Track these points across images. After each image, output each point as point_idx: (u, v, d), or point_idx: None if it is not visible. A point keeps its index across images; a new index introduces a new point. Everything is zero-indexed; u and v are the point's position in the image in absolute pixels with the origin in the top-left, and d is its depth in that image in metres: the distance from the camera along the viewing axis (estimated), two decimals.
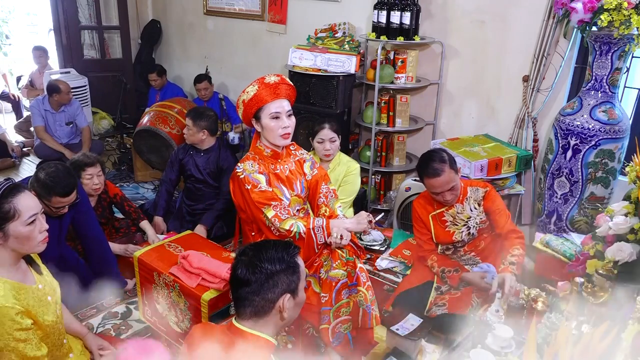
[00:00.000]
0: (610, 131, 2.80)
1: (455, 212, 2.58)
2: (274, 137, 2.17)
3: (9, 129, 5.34)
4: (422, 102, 3.89)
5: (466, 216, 2.57)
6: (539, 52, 3.21)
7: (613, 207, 1.98)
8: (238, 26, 4.99)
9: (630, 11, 2.51)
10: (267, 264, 1.40)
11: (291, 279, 1.43)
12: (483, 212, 2.57)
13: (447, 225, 2.60)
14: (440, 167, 2.40)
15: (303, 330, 2.20)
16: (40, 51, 5.62)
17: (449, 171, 2.41)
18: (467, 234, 2.59)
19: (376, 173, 3.89)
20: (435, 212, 2.62)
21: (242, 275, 1.40)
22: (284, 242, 1.50)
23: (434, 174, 2.41)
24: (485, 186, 2.60)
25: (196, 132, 3.36)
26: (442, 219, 2.61)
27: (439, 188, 2.44)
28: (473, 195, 2.58)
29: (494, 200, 2.57)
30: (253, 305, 1.40)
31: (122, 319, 2.67)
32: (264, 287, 1.39)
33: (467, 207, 2.57)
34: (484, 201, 2.56)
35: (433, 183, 2.44)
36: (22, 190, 1.69)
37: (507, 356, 1.80)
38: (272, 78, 2.15)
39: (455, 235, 2.60)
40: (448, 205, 2.58)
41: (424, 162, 2.45)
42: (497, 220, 2.56)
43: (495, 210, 2.55)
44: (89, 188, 2.95)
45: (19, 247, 1.68)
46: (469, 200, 2.57)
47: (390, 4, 3.44)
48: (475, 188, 2.60)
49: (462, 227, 2.58)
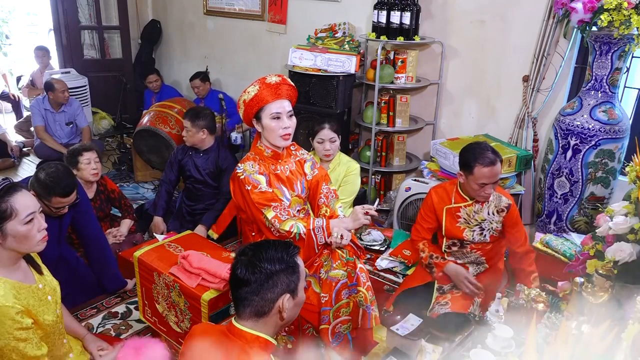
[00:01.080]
0: (610, 131, 2.80)
1: (472, 211, 2.56)
2: (275, 137, 2.16)
3: (9, 129, 5.34)
4: (422, 102, 3.89)
5: (481, 218, 2.55)
6: (539, 52, 3.21)
7: (613, 207, 1.98)
8: (238, 26, 4.99)
9: (630, 11, 2.51)
10: (267, 264, 1.40)
11: (291, 279, 1.43)
12: (501, 222, 2.55)
13: (459, 222, 2.59)
14: (495, 158, 2.40)
15: (303, 330, 2.20)
16: (42, 51, 5.62)
17: (499, 164, 2.42)
18: (479, 234, 2.57)
19: (376, 173, 3.89)
20: (451, 206, 2.60)
21: (241, 275, 1.40)
22: (284, 242, 1.50)
23: (491, 163, 2.39)
24: (508, 197, 2.58)
25: (195, 132, 3.35)
26: (457, 214, 2.59)
27: (490, 178, 2.41)
28: (495, 201, 2.55)
29: (515, 215, 2.58)
30: (252, 305, 1.40)
31: (122, 319, 2.67)
32: (263, 287, 1.39)
33: (485, 210, 2.55)
34: (506, 214, 2.54)
35: (486, 172, 2.40)
36: (19, 189, 1.69)
37: (507, 356, 1.80)
38: (274, 78, 2.14)
39: (465, 232, 2.59)
40: (465, 199, 2.56)
41: (479, 151, 2.43)
42: (515, 236, 2.57)
43: (514, 225, 2.57)
44: (87, 173, 2.97)
45: (17, 247, 1.68)
46: (490, 205, 2.54)
47: (390, 4, 3.44)
48: (499, 195, 2.57)
49: (475, 227, 2.57)
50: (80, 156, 2.94)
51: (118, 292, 2.84)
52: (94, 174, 3.00)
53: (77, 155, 2.95)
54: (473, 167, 2.41)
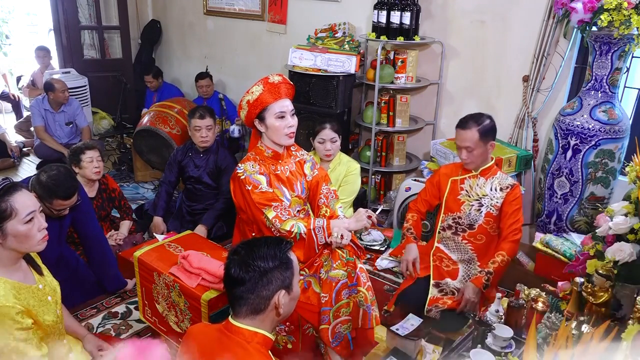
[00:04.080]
0: (610, 131, 2.80)
1: (476, 184, 2.63)
2: (279, 136, 2.17)
3: (9, 129, 5.34)
4: (422, 102, 3.89)
5: (483, 193, 2.61)
6: (539, 52, 3.21)
7: (613, 207, 1.98)
8: (238, 26, 4.99)
9: (630, 11, 2.51)
10: (260, 261, 1.40)
11: (285, 275, 1.43)
12: (502, 200, 2.59)
13: (461, 194, 2.65)
14: (471, 124, 2.51)
15: (303, 330, 2.20)
16: (43, 51, 5.62)
17: (475, 132, 2.49)
18: (477, 210, 2.62)
19: (376, 173, 3.89)
20: (457, 177, 2.69)
21: (235, 275, 1.40)
22: (276, 239, 1.50)
23: (462, 126, 2.53)
24: (514, 181, 2.64)
25: (214, 127, 3.43)
26: (460, 185, 2.67)
27: (459, 141, 2.55)
28: (500, 178, 2.62)
29: (516, 196, 2.59)
30: (249, 303, 1.40)
31: (122, 319, 2.67)
32: (258, 285, 1.39)
33: (488, 185, 2.61)
34: (509, 192, 2.58)
35: (457, 134, 2.56)
36: (18, 189, 1.69)
37: (507, 356, 1.80)
38: (276, 78, 2.16)
39: (464, 206, 2.64)
40: (470, 170, 2.64)
41: (466, 115, 2.58)
42: (508, 222, 2.57)
43: (511, 208, 2.57)
44: (90, 172, 2.97)
45: (18, 246, 1.67)
46: (494, 181, 2.61)
47: (390, 4, 3.44)
48: (505, 175, 2.65)
49: (474, 202, 2.63)
50: (82, 154, 2.95)
51: (118, 292, 2.84)
52: (96, 172, 3.01)
53: (79, 153, 2.95)
54: (456, 128, 2.58)
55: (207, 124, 3.35)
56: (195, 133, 3.37)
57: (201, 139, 3.37)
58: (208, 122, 3.35)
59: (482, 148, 2.53)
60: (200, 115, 3.33)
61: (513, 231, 2.55)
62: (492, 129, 2.55)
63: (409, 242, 2.72)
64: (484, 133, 2.51)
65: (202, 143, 3.39)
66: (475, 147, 2.51)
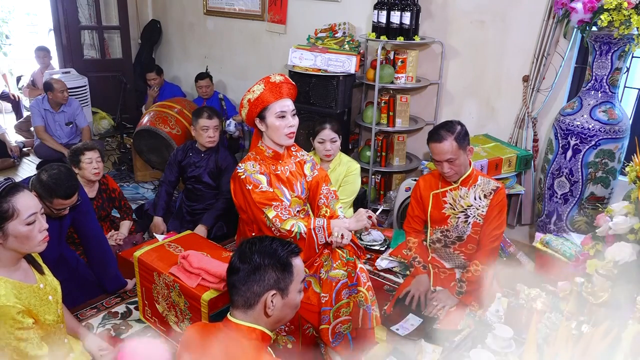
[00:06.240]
0: (610, 131, 2.80)
1: (458, 195, 2.55)
2: (279, 136, 2.18)
3: (9, 129, 5.34)
4: (422, 102, 3.89)
5: (467, 203, 2.53)
6: (539, 52, 3.21)
7: (613, 207, 1.98)
8: (238, 26, 4.99)
9: (630, 11, 2.51)
10: (257, 255, 1.42)
11: (280, 277, 1.42)
12: (487, 207, 2.51)
13: (445, 207, 2.58)
14: (444, 135, 2.41)
15: (303, 330, 2.21)
16: (43, 52, 5.63)
17: (452, 142, 2.40)
18: (464, 222, 2.56)
19: (376, 173, 3.89)
20: (438, 191, 2.60)
21: (234, 263, 1.44)
22: (286, 240, 1.50)
23: (436, 139, 2.42)
24: (499, 183, 2.57)
25: (220, 128, 3.44)
26: (443, 199, 2.58)
27: (438, 155, 2.44)
28: (482, 184, 2.53)
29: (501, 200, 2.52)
30: (239, 294, 1.42)
31: (122, 319, 2.67)
32: (250, 278, 1.41)
33: (471, 194, 2.52)
34: (492, 197, 2.50)
35: (433, 148, 2.45)
36: (21, 190, 1.69)
37: (507, 356, 1.80)
38: (277, 77, 2.17)
39: (450, 219, 2.58)
40: (450, 182, 2.55)
41: (436, 128, 2.48)
42: (490, 227, 2.52)
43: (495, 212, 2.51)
44: (89, 172, 2.98)
45: (18, 247, 1.68)
46: (476, 189, 2.53)
47: (390, 4, 3.44)
48: (487, 180, 2.56)
49: (459, 214, 2.56)
50: (82, 155, 2.95)
51: (118, 292, 2.84)
52: (95, 173, 3.01)
53: (79, 154, 2.96)
54: (429, 143, 2.48)
55: (214, 124, 3.37)
56: (203, 133, 3.37)
57: (208, 139, 3.38)
58: (215, 122, 3.38)
59: (463, 155, 2.46)
60: (208, 116, 3.35)
61: (491, 239, 2.51)
62: (466, 133, 2.48)
63: (418, 272, 2.63)
64: (461, 140, 2.43)
65: (209, 143, 3.40)
66: (456, 157, 2.43)
